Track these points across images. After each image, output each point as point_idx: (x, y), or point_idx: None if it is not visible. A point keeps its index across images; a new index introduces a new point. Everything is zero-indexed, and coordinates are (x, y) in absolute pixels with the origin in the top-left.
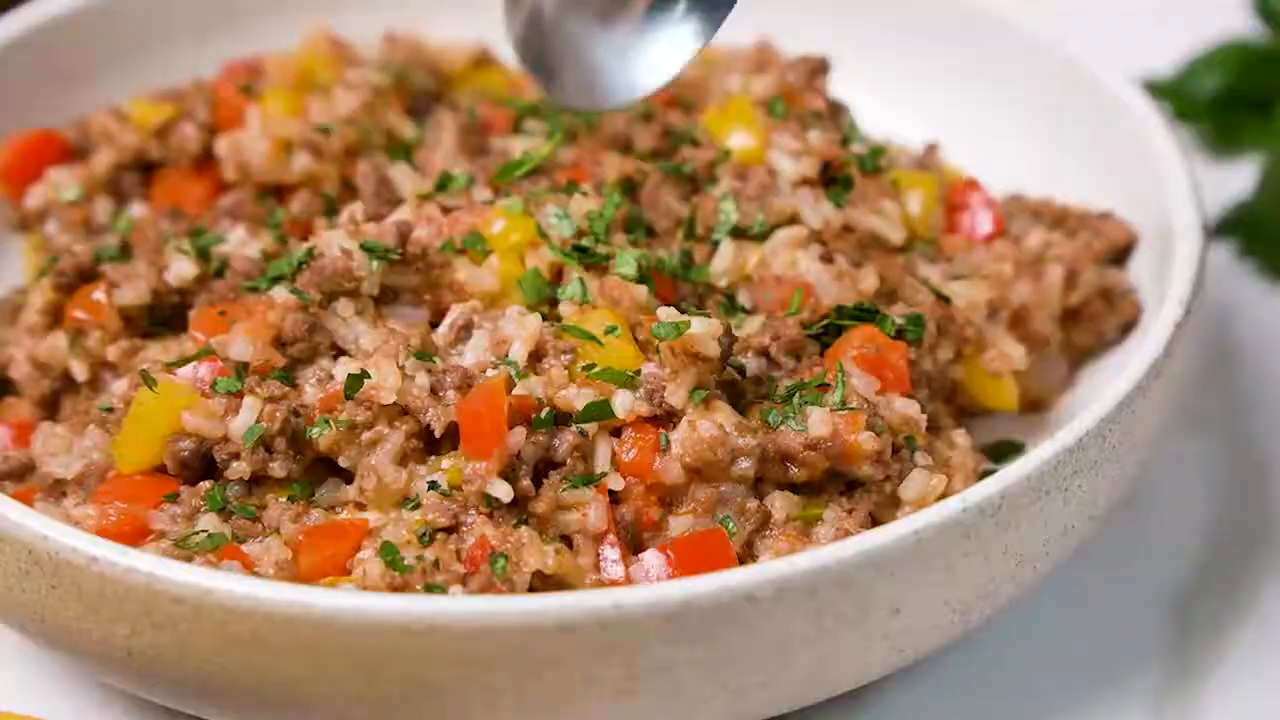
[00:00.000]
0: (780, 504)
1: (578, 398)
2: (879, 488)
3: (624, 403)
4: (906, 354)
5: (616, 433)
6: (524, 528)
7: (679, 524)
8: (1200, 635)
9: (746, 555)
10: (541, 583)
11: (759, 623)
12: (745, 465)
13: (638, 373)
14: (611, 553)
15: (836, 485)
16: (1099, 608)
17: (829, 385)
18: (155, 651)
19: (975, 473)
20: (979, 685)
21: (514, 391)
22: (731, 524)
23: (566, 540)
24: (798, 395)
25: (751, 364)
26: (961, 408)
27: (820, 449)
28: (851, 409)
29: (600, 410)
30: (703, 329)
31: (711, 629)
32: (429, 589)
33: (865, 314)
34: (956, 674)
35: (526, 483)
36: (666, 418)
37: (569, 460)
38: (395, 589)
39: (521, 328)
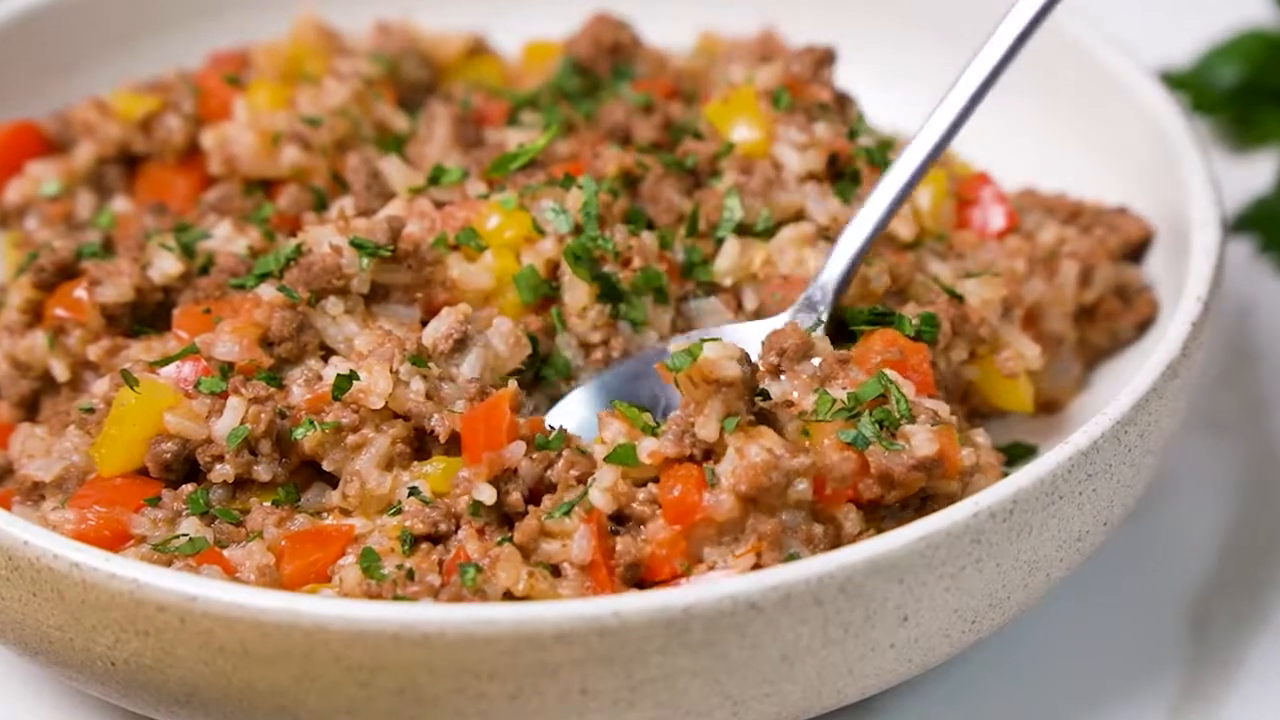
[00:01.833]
0: (853, 520)
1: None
2: (947, 499)
3: (648, 446)
4: (928, 356)
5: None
6: (508, 544)
7: (742, 566)
8: (1219, 643)
9: None
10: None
11: (763, 631)
12: (802, 488)
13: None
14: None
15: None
16: (1114, 615)
17: (884, 397)
18: (139, 661)
19: (1000, 473)
20: (989, 696)
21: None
22: (801, 555)
23: (556, 570)
24: (867, 414)
25: (774, 388)
26: (974, 409)
27: (926, 468)
28: (944, 423)
29: (624, 455)
30: (717, 352)
31: (714, 638)
32: (397, 599)
33: (882, 317)
34: (966, 684)
35: (516, 496)
36: (704, 457)
37: (563, 484)
38: (372, 597)
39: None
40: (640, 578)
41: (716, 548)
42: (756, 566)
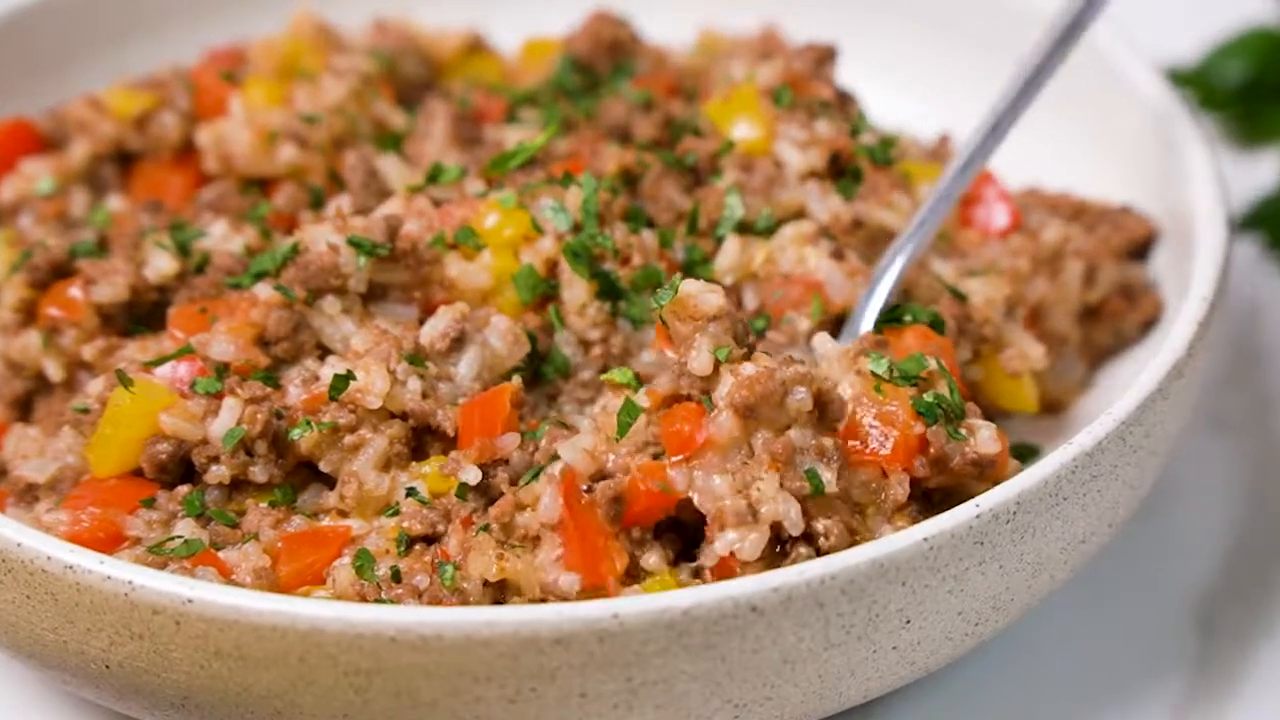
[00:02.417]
0: (904, 487)
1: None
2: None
3: (642, 396)
4: (953, 353)
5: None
6: (483, 534)
7: (770, 488)
8: (1225, 645)
9: (863, 530)
10: (501, 593)
11: (764, 634)
12: (800, 397)
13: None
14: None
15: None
16: (1118, 617)
17: (928, 380)
18: (134, 664)
19: (1012, 471)
20: (993, 699)
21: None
22: (820, 473)
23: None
24: (931, 393)
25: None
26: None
27: (981, 465)
28: (997, 425)
29: (630, 412)
30: (696, 286)
31: (714, 641)
32: (379, 602)
33: (894, 315)
34: (970, 687)
35: (503, 476)
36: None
37: (543, 455)
38: (364, 599)
39: None
40: (626, 515)
41: (725, 475)
42: (783, 488)
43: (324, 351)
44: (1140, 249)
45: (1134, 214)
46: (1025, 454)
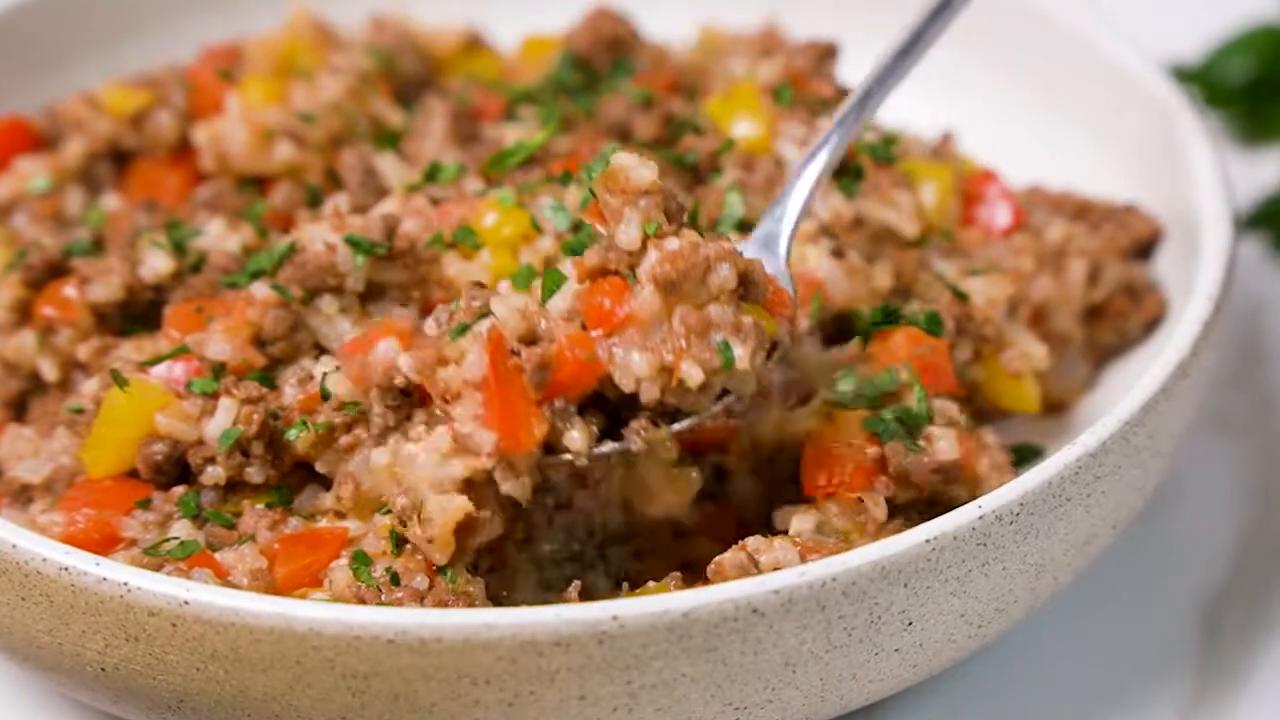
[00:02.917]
0: (881, 509)
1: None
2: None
3: (569, 265)
4: (948, 354)
5: None
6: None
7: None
8: (1230, 649)
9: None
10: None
11: (765, 636)
12: (725, 273)
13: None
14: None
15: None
16: (1123, 620)
17: (896, 395)
18: (129, 667)
19: (1010, 473)
20: (996, 702)
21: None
22: (733, 347)
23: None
24: (890, 409)
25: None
26: (978, 410)
27: (944, 472)
28: (964, 427)
29: (554, 279)
30: (629, 158)
31: (715, 643)
32: (380, 605)
33: (890, 316)
34: (972, 690)
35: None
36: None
37: (467, 312)
38: (361, 601)
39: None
40: (551, 384)
41: (644, 352)
42: (679, 359)
43: (321, 351)
44: (1145, 248)
45: (1139, 212)
46: (1029, 455)
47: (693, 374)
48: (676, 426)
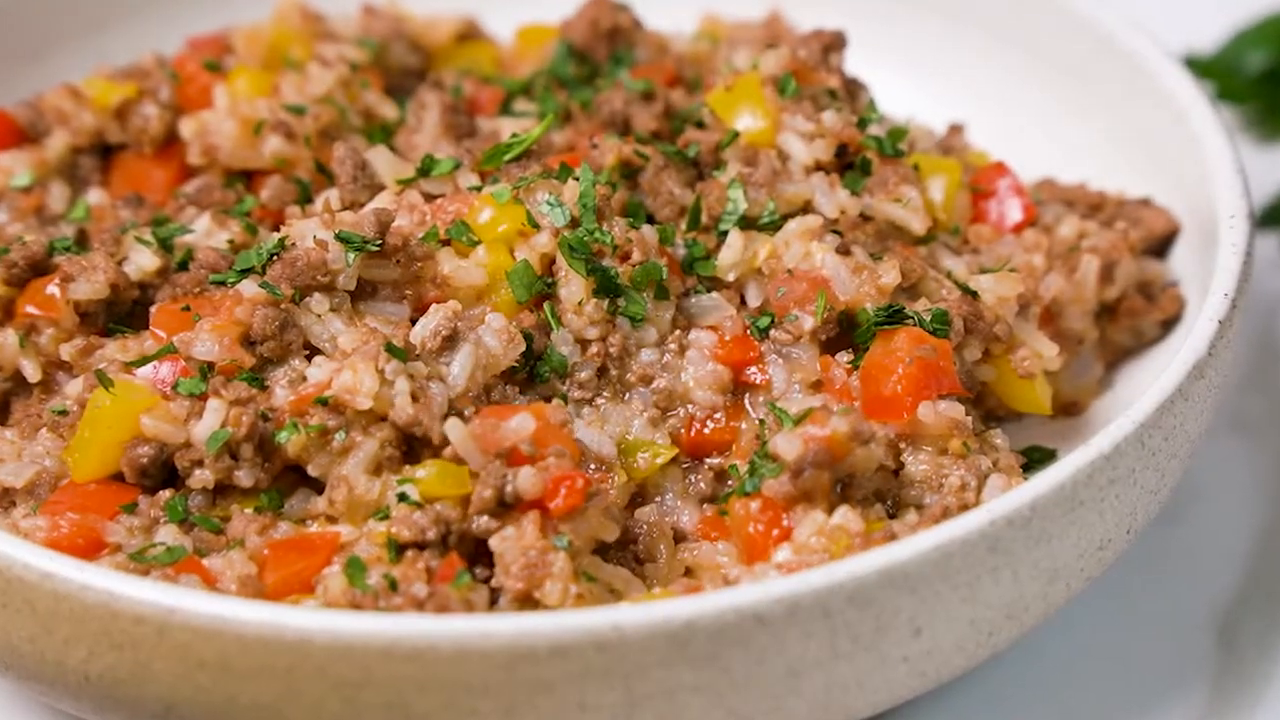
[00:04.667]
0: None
1: None
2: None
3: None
4: (951, 354)
5: None
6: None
7: None
8: (1247, 657)
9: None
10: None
11: (769, 645)
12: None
13: None
14: None
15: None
16: (1137, 627)
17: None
18: (114, 675)
19: (1019, 476)
20: (1006, 712)
21: None
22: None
23: None
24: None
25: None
26: (989, 411)
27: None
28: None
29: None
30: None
31: (717, 652)
32: (379, 611)
33: (895, 315)
34: (982, 700)
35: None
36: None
37: None
38: (356, 608)
39: None
40: None
41: None
42: None
43: (312, 351)
44: (1160, 245)
45: (1153, 208)
46: (1041, 457)
47: None
48: None
